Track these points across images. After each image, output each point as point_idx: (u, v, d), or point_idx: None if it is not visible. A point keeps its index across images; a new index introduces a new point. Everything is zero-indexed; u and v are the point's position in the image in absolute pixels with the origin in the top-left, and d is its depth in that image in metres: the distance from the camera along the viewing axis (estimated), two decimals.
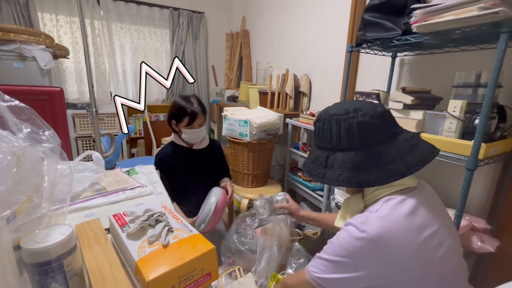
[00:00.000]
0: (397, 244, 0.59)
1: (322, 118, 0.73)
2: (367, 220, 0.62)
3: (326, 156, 0.71)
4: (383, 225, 0.60)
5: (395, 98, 1.14)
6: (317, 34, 2.09)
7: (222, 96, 3.33)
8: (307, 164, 0.78)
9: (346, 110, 0.69)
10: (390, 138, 0.69)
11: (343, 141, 0.68)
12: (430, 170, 1.36)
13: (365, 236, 0.60)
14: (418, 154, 0.67)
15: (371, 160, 0.66)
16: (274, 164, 2.28)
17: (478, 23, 0.79)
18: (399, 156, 0.66)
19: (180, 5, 3.10)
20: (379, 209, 0.64)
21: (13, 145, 0.44)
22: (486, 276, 1.19)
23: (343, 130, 0.68)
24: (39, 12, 2.51)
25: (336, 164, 0.69)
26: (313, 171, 0.74)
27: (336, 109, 0.71)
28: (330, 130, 0.70)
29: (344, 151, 0.68)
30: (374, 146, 0.67)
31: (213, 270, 0.53)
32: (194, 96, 1.42)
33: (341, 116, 0.69)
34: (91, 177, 0.93)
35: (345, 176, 0.67)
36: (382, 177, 0.65)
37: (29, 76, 1.64)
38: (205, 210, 1.23)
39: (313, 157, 0.76)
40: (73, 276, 0.46)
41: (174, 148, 1.44)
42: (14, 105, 0.50)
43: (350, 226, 0.64)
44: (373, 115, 0.67)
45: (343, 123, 0.68)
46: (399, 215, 0.62)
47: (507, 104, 0.98)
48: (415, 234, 0.61)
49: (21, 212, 0.45)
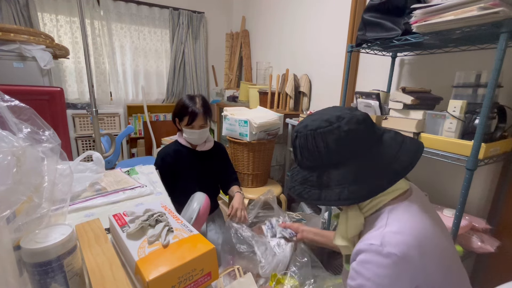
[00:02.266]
0: (425, 252, 0.57)
1: (303, 134, 0.66)
2: (384, 240, 0.56)
3: (317, 175, 0.65)
4: (403, 240, 0.56)
5: (395, 98, 1.14)
6: (317, 34, 2.09)
7: (222, 96, 3.33)
8: (294, 187, 0.70)
9: (327, 121, 0.63)
10: (378, 140, 0.65)
11: (334, 156, 0.62)
12: (430, 170, 1.36)
13: (393, 259, 0.54)
14: (408, 151, 0.64)
15: (368, 168, 0.61)
16: (274, 164, 2.28)
17: (478, 23, 0.79)
18: (392, 157, 0.62)
19: (180, 5, 3.10)
20: (388, 222, 0.60)
21: (13, 145, 0.44)
22: (486, 276, 1.19)
23: (331, 144, 0.62)
24: (39, 12, 2.51)
25: (333, 182, 0.62)
26: (305, 194, 0.66)
27: (316, 122, 0.64)
28: (315, 146, 0.63)
29: (338, 166, 0.63)
30: (367, 152, 0.63)
31: (213, 270, 0.53)
32: (200, 96, 1.40)
33: (325, 128, 0.62)
34: (91, 177, 0.93)
35: (347, 193, 0.60)
36: (383, 182, 0.61)
37: (29, 76, 1.64)
38: (185, 217, 1.15)
39: (300, 178, 0.69)
40: (73, 276, 0.46)
41: (177, 148, 1.43)
42: (14, 105, 0.50)
43: (369, 255, 0.57)
44: (357, 121, 0.63)
45: (330, 136, 0.62)
46: (412, 224, 0.59)
47: (507, 104, 0.98)
48: (432, 230, 0.60)
49: (21, 212, 0.45)
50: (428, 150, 1.02)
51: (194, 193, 1.20)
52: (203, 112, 1.34)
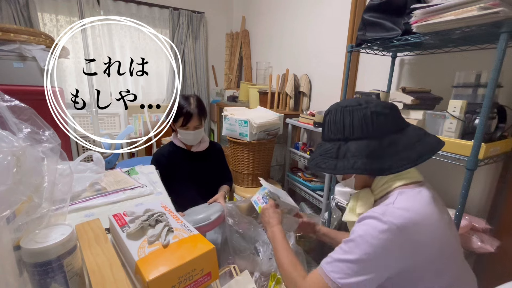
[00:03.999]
0: (423, 231, 0.60)
1: (334, 109, 0.74)
2: (387, 211, 0.61)
3: (338, 147, 0.71)
4: (405, 215, 0.60)
5: (395, 98, 1.14)
6: (317, 34, 2.09)
7: (222, 96, 3.33)
8: (314, 159, 0.76)
9: (358, 102, 0.70)
10: (400, 129, 0.70)
11: (356, 131, 0.69)
12: (430, 170, 1.36)
13: (390, 227, 0.58)
14: (427, 144, 0.69)
15: (385, 148, 0.67)
16: (274, 164, 2.28)
17: (478, 23, 0.79)
18: (410, 145, 0.68)
19: (180, 5, 3.10)
20: (396, 200, 0.64)
21: (13, 145, 0.44)
22: (486, 276, 1.19)
23: (356, 120, 0.69)
24: (39, 12, 2.51)
25: (349, 153, 0.68)
26: (322, 164, 0.72)
27: (348, 102, 0.72)
28: (342, 120, 0.70)
29: (358, 140, 0.68)
30: (387, 135, 0.68)
31: (213, 270, 0.53)
32: (195, 96, 1.37)
33: (354, 107, 0.70)
34: (91, 177, 0.93)
35: (360, 163, 0.66)
36: (396, 164, 0.66)
37: (29, 76, 1.64)
38: (200, 217, 1.17)
39: (322, 150, 0.75)
40: (73, 276, 0.46)
41: (172, 149, 1.41)
42: (14, 105, 0.50)
43: (370, 220, 0.62)
44: (385, 106, 0.69)
45: (356, 113, 0.69)
46: (420, 204, 0.63)
47: (507, 104, 0.98)
48: (438, 219, 0.63)
49: (21, 212, 0.45)
50: None
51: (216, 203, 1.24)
52: (197, 113, 1.31)
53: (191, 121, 1.30)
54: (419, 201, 0.64)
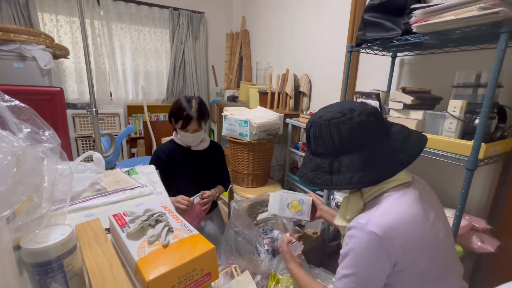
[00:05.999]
0: (406, 234, 0.61)
1: (317, 124, 0.72)
2: (370, 220, 0.63)
3: (330, 161, 0.70)
4: (386, 220, 0.62)
5: (395, 98, 1.14)
6: (317, 34, 2.09)
7: (222, 96, 3.33)
8: (306, 174, 0.75)
9: (341, 112, 0.69)
10: (386, 133, 0.71)
11: (346, 144, 0.68)
12: (430, 170, 1.36)
13: (373, 237, 0.61)
14: (413, 142, 0.70)
15: (377, 156, 0.67)
16: (274, 164, 2.28)
17: (478, 23, 0.79)
18: (398, 147, 0.68)
19: (180, 5, 3.10)
20: (379, 206, 0.66)
21: (13, 145, 0.44)
22: (486, 276, 1.19)
23: (344, 133, 0.68)
24: (39, 12, 2.51)
25: (343, 168, 0.68)
26: (317, 180, 0.72)
27: (330, 113, 0.70)
28: (330, 134, 0.69)
29: (349, 154, 0.68)
30: (375, 142, 0.68)
31: (213, 270, 0.53)
32: (198, 99, 1.36)
33: (339, 119, 0.68)
34: (91, 177, 0.93)
35: (357, 178, 0.66)
36: (390, 170, 0.66)
37: (29, 76, 1.64)
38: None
39: (313, 165, 0.74)
40: (73, 276, 0.46)
41: (172, 146, 1.43)
42: (14, 105, 0.50)
43: (356, 231, 0.65)
44: (369, 113, 0.69)
45: (343, 126, 0.68)
46: (402, 208, 0.64)
47: (507, 104, 0.98)
48: (422, 220, 0.64)
49: (21, 212, 0.45)
50: (428, 150, 1.02)
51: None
52: (197, 117, 1.31)
53: (190, 124, 1.31)
54: (400, 204, 0.65)
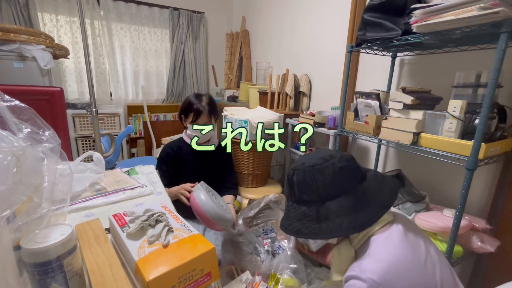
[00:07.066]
0: (402, 275, 0.60)
1: (301, 170, 0.71)
2: (366, 267, 0.62)
3: (316, 209, 0.69)
4: (381, 266, 0.61)
5: (395, 98, 1.14)
6: (317, 34, 2.09)
7: (222, 96, 3.33)
8: (291, 225, 0.72)
9: (322, 158, 0.70)
10: (364, 177, 0.73)
11: (331, 190, 0.68)
12: (430, 170, 1.36)
13: (372, 284, 0.59)
14: (389, 185, 0.73)
15: (362, 200, 0.68)
16: (274, 164, 2.28)
17: (478, 23, 0.79)
18: (378, 190, 0.70)
19: (180, 5, 3.10)
20: (371, 251, 0.65)
21: (13, 145, 0.44)
22: (486, 276, 1.19)
23: (329, 179, 0.68)
24: (39, 12, 2.51)
25: (332, 214, 0.67)
26: (304, 229, 0.69)
27: (312, 160, 0.71)
28: (315, 180, 0.69)
29: (335, 199, 0.68)
30: (357, 187, 0.69)
31: (213, 270, 0.53)
32: (207, 95, 1.44)
33: (322, 165, 0.69)
34: (91, 177, 0.93)
35: (347, 223, 0.65)
36: (377, 212, 0.67)
37: (29, 76, 1.64)
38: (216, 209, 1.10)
39: (299, 214, 0.72)
40: (73, 276, 0.46)
41: (180, 144, 1.47)
42: (14, 105, 0.50)
43: (354, 280, 0.63)
44: (348, 159, 0.71)
45: (326, 171, 0.68)
46: (391, 249, 0.64)
47: (507, 104, 0.98)
48: (412, 258, 0.63)
49: (21, 212, 0.45)
50: (428, 150, 1.02)
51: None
52: (208, 110, 1.37)
53: (201, 117, 1.36)
54: (390, 246, 0.64)
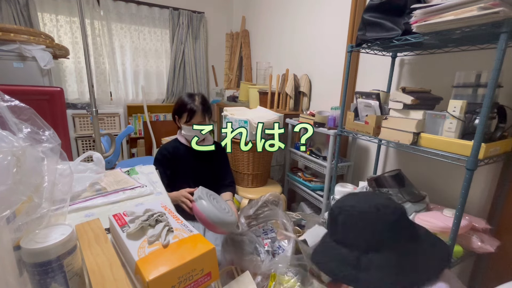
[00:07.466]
0: None
1: (349, 213, 0.68)
2: None
3: (357, 256, 0.65)
4: None
5: (395, 98, 1.14)
6: (317, 34, 2.09)
7: (222, 96, 3.33)
8: (327, 263, 0.69)
9: (375, 207, 0.66)
10: (415, 235, 0.68)
11: (379, 242, 0.64)
12: (430, 170, 1.36)
13: None
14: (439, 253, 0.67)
15: (408, 262, 0.62)
16: (274, 164, 2.28)
17: (478, 23, 0.79)
18: (427, 258, 0.65)
19: (180, 5, 3.10)
20: None
21: (13, 145, 0.44)
22: (486, 276, 1.19)
23: (379, 230, 0.64)
24: (39, 12, 2.51)
25: (373, 266, 0.62)
26: (339, 272, 0.65)
27: (363, 206, 0.67)
28: (363, 229, 0.65)
29: (380, 253, 0.63)
30: (407, 245, 0.65)
31: (213, 270, 0.53)
32: (200, 94, 1.43)
33: (374, 213, 0.65)
34: (91, 177, 0.93)
35: (391, 282, 0.60)
36: (419, 283, 0.61)
37: (29, 76, 1.64)
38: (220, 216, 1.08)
39: (337, 255, 0.68)
40: (73, 276, 0.46)
41: (175, 145, 1.46)
42: (14, 105, 0.50)
43: None
44: (402, 212, 0.66)
45: (378, 223, 0.64)
46: None
47: (507, 104, 0.98)
48: None
49: (21, 212, 0.45)
50: (428, 150, 1.02)
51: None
52: (201, 110, 1.37)
53: (194, 117, 1.35)
54: None
